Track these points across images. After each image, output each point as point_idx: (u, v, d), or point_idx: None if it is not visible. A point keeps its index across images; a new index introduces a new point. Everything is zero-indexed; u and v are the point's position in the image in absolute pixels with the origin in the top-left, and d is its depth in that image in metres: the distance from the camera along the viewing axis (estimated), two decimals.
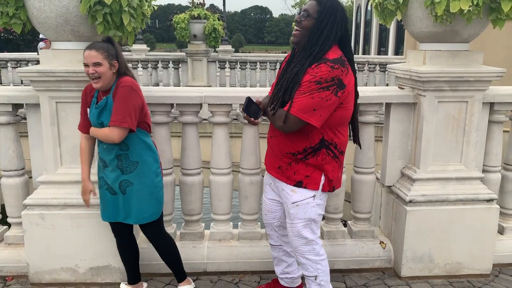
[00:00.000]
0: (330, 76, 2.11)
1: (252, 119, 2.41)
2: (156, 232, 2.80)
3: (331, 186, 2.40)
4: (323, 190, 2.38)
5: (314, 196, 2.37)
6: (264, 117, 2.49)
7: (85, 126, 2.62)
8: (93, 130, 2.55)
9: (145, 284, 2.98)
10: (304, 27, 2.22)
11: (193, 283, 2.95)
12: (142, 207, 2.63)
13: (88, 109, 2.57)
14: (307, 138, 2.29)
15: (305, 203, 2.37)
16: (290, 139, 2.32)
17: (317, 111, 2.15)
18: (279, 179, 2.45)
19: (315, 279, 2.51)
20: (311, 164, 2.33)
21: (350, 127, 2.53)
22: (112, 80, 2.50)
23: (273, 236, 2.76)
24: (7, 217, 3.23)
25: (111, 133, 2.44)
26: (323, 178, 2.35)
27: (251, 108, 2.39)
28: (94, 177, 2.73)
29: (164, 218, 3.27)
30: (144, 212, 2.64)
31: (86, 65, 2.43)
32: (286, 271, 2.83)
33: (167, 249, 2.84)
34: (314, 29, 2.20)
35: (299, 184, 2.35)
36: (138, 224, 2.71)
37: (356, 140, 2.64)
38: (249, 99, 2.38)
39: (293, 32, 2.28)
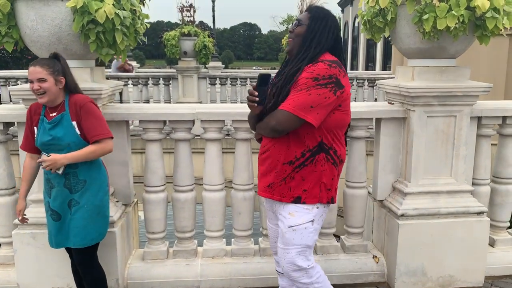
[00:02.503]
0: (327, 73, 2.05)
1: (255, 104, 2.18)
2: (92, 257, 2.64)
3: (329, 197, 2.24)
4: (320, 202, 2.21)
5: (312, 221, 2.22)
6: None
7: (29, 145, 2.55)
8: (80, 154, 2.42)
9: None
10: (297, 34, 2.22)
11: None
12: (88, 229, 2.51)
13: (35, 127, 2.50)
14: (304, 141, 2.14)
15: (302, 227, 2.20)
16: (286, 146, 2.17)
17: (315, 108, 2.04)
18: (271, 198, 2.27)
19: None
20: (308, 175, 2.17)
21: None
22: (60, 96, 2.46)
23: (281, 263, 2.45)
24: None
25: (107, 145, 2.47)
26: (320, 189, 2.20)
27: (262, 91, 2.18)
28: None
29: (156, 236, 3.27)
30: (90, 234, 2.53)
31: (30, 81, 2.39)
32: None
33: (98, 279, 2.68)
34: (307, 33, 2.19)
35: (297, 200, 2.19)
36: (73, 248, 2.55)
37: None
38: (263, 77, 2.17)
39: (287, 41, 2.28)
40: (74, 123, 2.45)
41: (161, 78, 10.84)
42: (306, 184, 2.18)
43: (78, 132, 2.45)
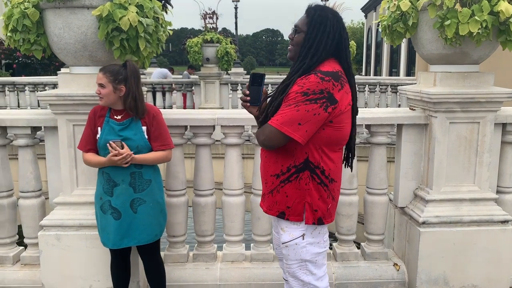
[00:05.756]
0: (318, 88, 1.91)
1: (248, 103, 2.15)
2: (157, 251, 2.86)
3: (315, 217, 2.08)
4: (306, 223, 2.08)
5: (303, 236, 2.11)
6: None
7: (89, 145, 2.65)
8: (147, 158, 2.62)
9: None
10: (296, 43, 2.09)
11: None
12: (153, 225, 2.71)
13: (99, 128, 2.64)
14: (292, 155, 2.04)
15: (293, 244, 2.12)
16: (275, 158, 2.10)
17: (303, 125, 1.92)
18: (262, 208, 2.24)
19: None
20: (292, 192, 2.07)
21: (345, 150, 2.27)
22: (120, 102, 2.61)
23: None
24: (24, 237, 3.28)
25: (169, 154, 2.73)
26: (305, 208, 2.07)
27: (254, 90, 2.14)
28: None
29: (177, 239, 3.31)
30: (155, 230, 2.73)
31: (98, 85, 2.59)
32: None
33: (161, 271, 2.88)
34: (304, 42, 2.05)
35: (281, 216, 2.12)
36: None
37: (348, 164, 2.31)
38: (255, 76, 2.13)
39: (288, 48, 2.16)
40: (144, 128, 2.65)
41: (184, 84, 10.99)
42: (290, 201, 2.08)
43: (146, 137, 2.64)
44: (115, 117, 2.64)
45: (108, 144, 2.53)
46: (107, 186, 2.63)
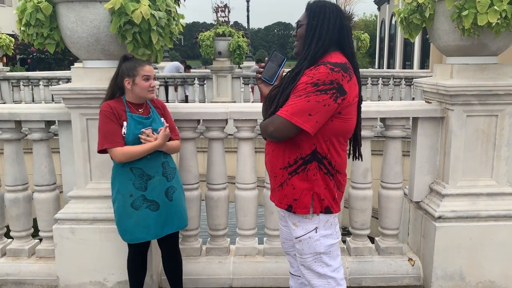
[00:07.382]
0: (328, 78, 1.92)
1: (260, 75, 2.18)
2: (178, 241, 2.91)
3: (322, 206, 2.09)
4: (314, 212, 2.09)
5: (316, 229, 2.13)
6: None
7: (120, 139, 2.58)
8: (172, 146, 2.72)
9: None
10: (300, 36, 2.13)
11: None
12: (186, 210, 2.83)
13: (124, 122, 2.59)
14: (299, 148, 2.05)
15: (307, 237, 2.13)
16: (282, 151, 2.10)
17: (313, 116, 1.93)
18: (273, 202, 2.25)
19: None
20: (299, 184, 2.07)
21: (351, 142, 2.29)
22: None
23: (293, 265, 2.48)
24: (39, 231, 3.31)
25: (180, 144, 2.82)
26: (313, 199, 2.08)
27: (271, 68, 2.15)
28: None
29: (190, 233, 3.32)
30: (187, 214, 2.85)
31: (147, 78, 2.58)
32: None
33: (180, 261, 2.92)
34: (307, 32, 2.08)
35: (289, 209, 2.13)
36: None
37: (355, 155, 2.33)
38: (276, 54, 2.16)
39: (294, 45, 2.20)
40: (163, 119, 2.72)
41: (196, 79, 11.00)
42: (296, 193, 2.09)
43: None
44: (138, 111, 2.64)
45: (140, 134, 2.57)
46: (140, 181, 2.60)
